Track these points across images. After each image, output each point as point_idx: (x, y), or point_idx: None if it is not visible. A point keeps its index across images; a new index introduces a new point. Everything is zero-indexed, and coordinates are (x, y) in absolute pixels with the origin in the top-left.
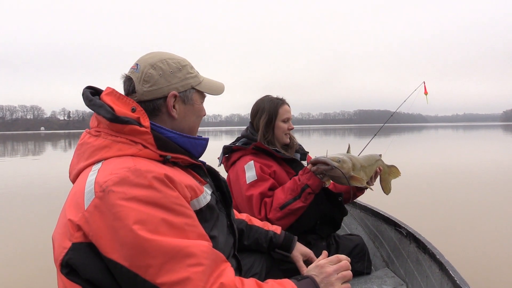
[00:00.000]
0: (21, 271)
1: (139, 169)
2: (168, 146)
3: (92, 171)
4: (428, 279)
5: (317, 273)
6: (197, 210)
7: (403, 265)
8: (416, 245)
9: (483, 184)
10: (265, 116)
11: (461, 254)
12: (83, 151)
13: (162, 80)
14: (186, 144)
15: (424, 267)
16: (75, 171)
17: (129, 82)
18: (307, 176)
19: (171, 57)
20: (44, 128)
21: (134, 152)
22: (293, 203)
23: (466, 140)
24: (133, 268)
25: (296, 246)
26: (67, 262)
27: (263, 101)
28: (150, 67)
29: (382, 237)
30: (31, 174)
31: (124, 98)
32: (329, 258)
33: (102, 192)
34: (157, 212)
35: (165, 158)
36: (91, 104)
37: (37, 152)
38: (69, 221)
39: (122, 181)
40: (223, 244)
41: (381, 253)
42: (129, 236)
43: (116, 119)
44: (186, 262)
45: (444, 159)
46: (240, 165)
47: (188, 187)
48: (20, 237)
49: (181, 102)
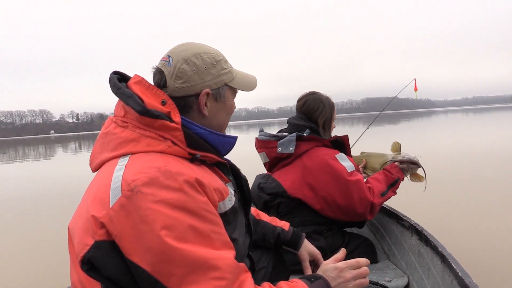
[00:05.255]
0: (37, 270)
1: (170, 170)
2: (198, 144)
3: (119, 166)
4: (429, 271)
5: (335, 276)
6: (222, 213)
7: (404, 258)
8: (418, 238)
9: (497, 170)
10: (324, 113)
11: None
12: (108, 140)
13: (195, 76)
14: (215, 142)
15: (426, 259)
16: (98, 160)
17: (160, 76)
18: (397, 170)
19: (206, 51)
20: (54, 132)
21: (163, 148)
22: (388, 192)
23: (476, 125)
24: (155, 274)
25: (304, 244)
26: (89, 259)
27: (321, 98)
28: (184, 61)
29: (383, 230)
30: (45, 177)
31: (154, 89)
32: (349, 262)
33: (130, 191)
34: (185, 217)
35: (194, 156)
36: (120, 93)
37: (48, 155)
38: (92, 217)
39: (152, 182)
40: (241, 245)
41: (382, 246)
42: (155, 241)
43: (146, 112)
44: (210, 275)
45: (451, 146)
46: (325, 154)
47: (216, 190)
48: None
49: (213, 99)
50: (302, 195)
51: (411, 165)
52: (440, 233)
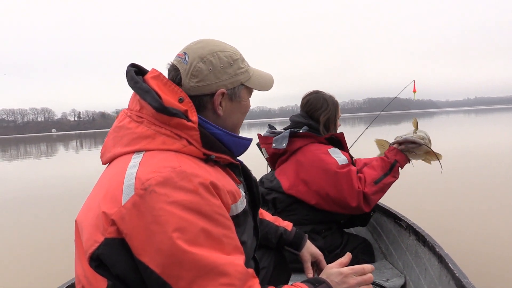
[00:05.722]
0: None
1: (185, 171)
2: (213, 145)
3: (133, 162)
4: (426, 271)
5: (339, 281)
6: (234, 216)
7: (401, 257)
8: (416, 238)
9: (499, 172)
10: (327, 112)
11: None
12: (121, 135)
13: (211, 76)
14: (230, 143)
15: (423, 259)
16: (110, 154)
17: (175, 73)
18: (394, 153)
19: (223, 49)
20: (56, 130)
21: (178, 147)
22: (385, 178)
23: (477, 126)
24: (164, 276)
25: (306, 245)
26: (98, 256)
27: (324, 97)
28: (200, 60)
29: (381, 229)
30: (46, 175)
31: (171, 85)
32: (355, 268)
33: (143, 190)
34: (198, 220)
35: (208, 157)
36: (137, 87)
37: (49, 153)
38: (103, 213)
39: (166, 182)
40: (249, 248)
41: (380, 245)
42: (166, 243)
43: (163, 109)
44: (219, 281)
45: (452, 147)
46: (318, 149)
47: (229, 192)
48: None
49: (228, 99)
50: (296, 191)
51: (410, 145)
52: (438, 234)
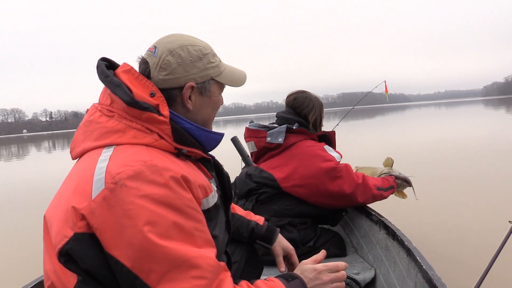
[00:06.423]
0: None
1: (156, 165)
2: (185, 139)
3: (103, 156)
4: (395, 264)
5: (313, 277)
6: (205, 210)
7: (372, 251)
8: (386, 232)
9: (471, 159)
10: (314, 112)
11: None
12: (91, 129)
13: (180, 69)
14: (201, 137)
15: (392, 253)
16: (79, 148)
17: (144, 66)
18: (393, 180)
19: (193, 44)
20: (27, 131)
21: (149, 141)
22: (383, 191)
23: (448, 117)
24: (135, 270)
25: (278, 239)
26: (67, 251)
27: (310, 97)
28: (169, 53)
29: (353, 224)
30: (18, 177)
31: (143, 79)
32: (328, 265)
33: (114, 184)
34: (169, 214)
35: (180, 151)
36: (107, 81)
37: (21, 155)
38: (72, 208)
39: (137, 176)
40: (221, 242)
41: (351, 239)
42: (137, 237)
43: (134, 103)
44: (190, 274)
45: (423, 139)
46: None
47: (200, 186)
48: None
49: (198, 93)
50: (293, 185)
51: (404, 182)
52: (408, 228)
